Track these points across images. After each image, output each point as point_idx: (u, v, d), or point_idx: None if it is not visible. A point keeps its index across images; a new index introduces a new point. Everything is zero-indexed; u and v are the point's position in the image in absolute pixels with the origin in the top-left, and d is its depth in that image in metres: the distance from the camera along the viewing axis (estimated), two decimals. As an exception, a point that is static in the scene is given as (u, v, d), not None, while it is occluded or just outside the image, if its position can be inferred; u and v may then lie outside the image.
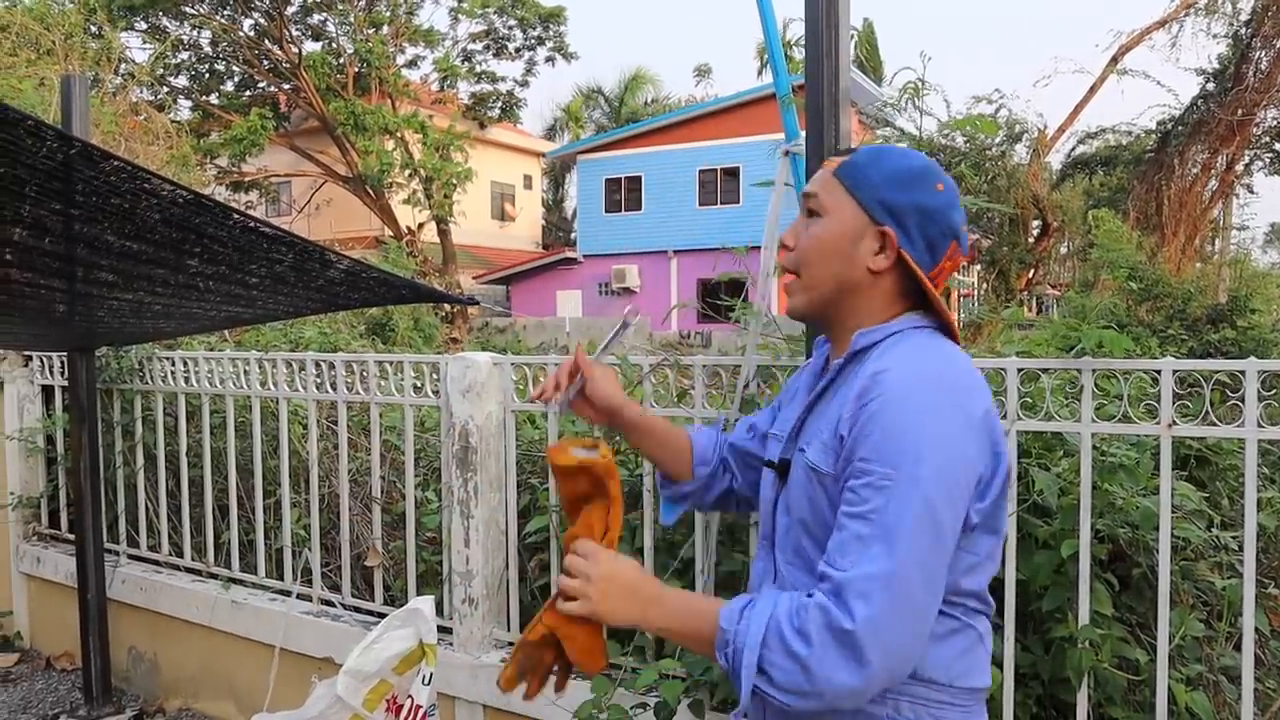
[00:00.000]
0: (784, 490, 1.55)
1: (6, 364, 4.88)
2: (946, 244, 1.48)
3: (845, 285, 1.49)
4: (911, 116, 4.73)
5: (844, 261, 1.48)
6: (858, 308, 1.50)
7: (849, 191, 1.48)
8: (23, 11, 13.62)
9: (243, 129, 22.77)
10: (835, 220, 1.48)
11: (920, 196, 1.46)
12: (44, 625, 4.97)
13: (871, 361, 1.42)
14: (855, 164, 1.50)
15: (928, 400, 1.33)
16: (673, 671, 2.73)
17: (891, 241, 1.45)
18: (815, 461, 1.43)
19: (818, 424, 1.49)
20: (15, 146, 1.89)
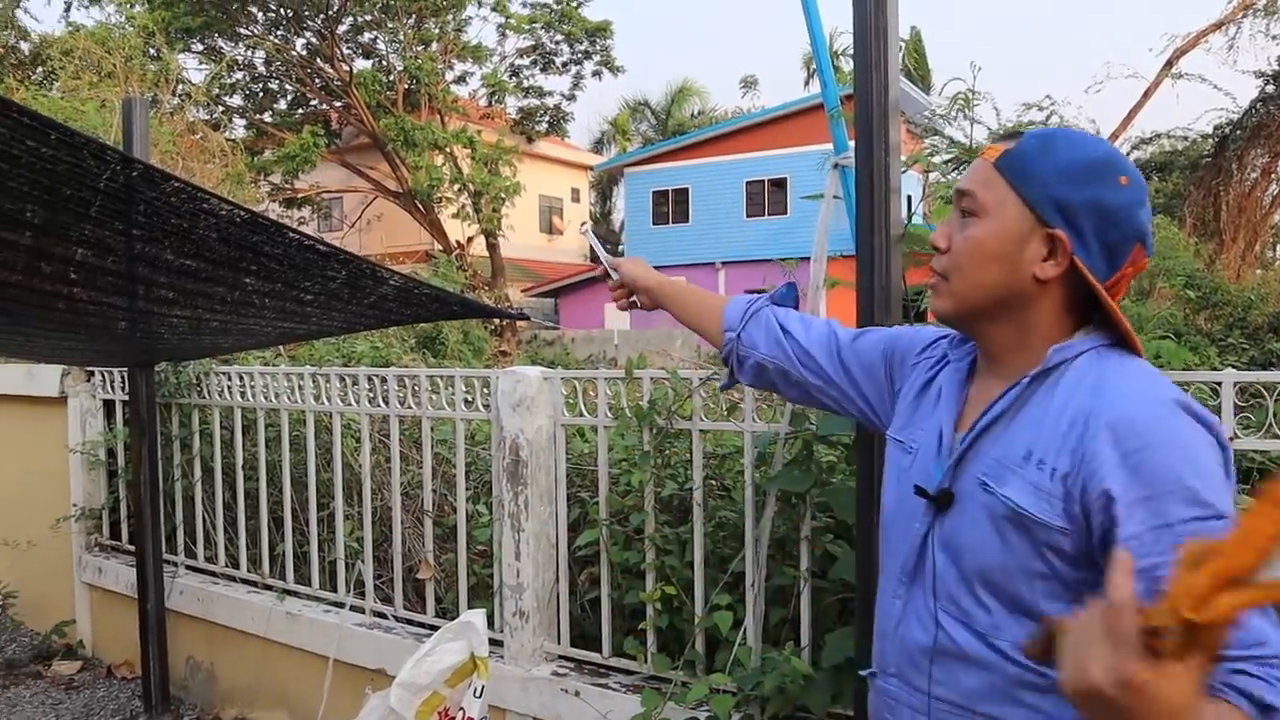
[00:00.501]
0: (940, 524, 1.34)
1: (70, 379, 5.01)
2: (1129, 248, 1.27)
3: (1006, 295, 1.30)
4: (961, 126, 4.70)
5: (1006, 268, 1.29)
6: (1020, 320, 1.32)
7: (1012, 186, 1.28)
8: (85, 36, 14.02)
9: (295, 146, 23.15)
10: (996, 221, 1.29)
11: (1099, 193, 1.25)
12: (105, 634, 5.08)
13: (1073, 387, 1.24)
14: (1021, 154, 1.29)
15: (1190, 434, 1.16)
16: (724, 686, 2.72)
17: (1063, 247, 1.25)
18: (1024, 505, 1.22)
19: (996, 451, 1.28)
20: (80, 169, 1.94)
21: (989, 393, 1.36)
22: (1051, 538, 1.21)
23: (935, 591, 1.34)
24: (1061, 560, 1.21)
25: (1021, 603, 1.24)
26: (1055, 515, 1.20)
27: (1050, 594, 1.22)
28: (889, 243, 2.30)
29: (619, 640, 3.13)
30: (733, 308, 1.84)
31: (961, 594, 1.30)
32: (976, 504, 1.29)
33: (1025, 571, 1.23)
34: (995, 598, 1.26)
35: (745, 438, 2.86)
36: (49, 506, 5.14)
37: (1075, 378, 1.26)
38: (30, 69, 19.67)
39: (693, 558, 2.94)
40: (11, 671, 4.88)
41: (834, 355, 1.69)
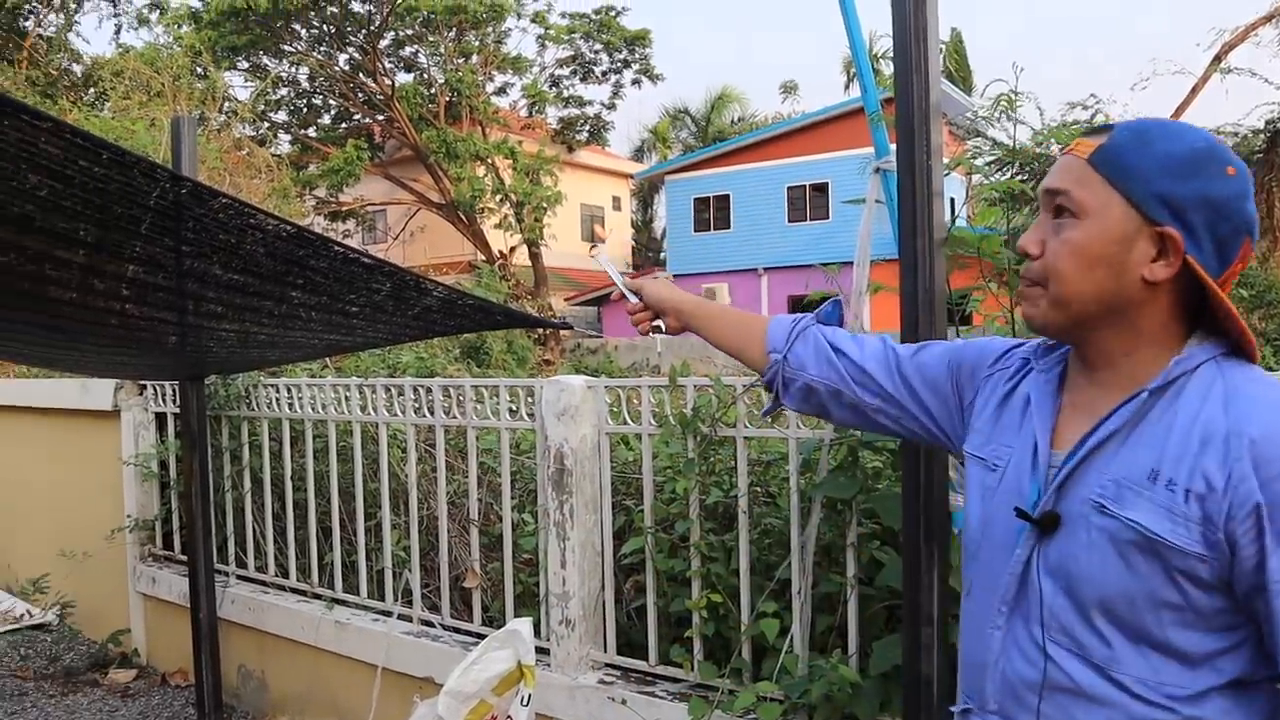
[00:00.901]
0: (1045, 549, 1.25)
1: (124, 393, 5.11)
2: (1239, 242, 1.19)
3: (1112, 301, 1.22)
4: (1004, 127, 4.68)
5: (1113, 272, 1.20)
6: (1127, 326, 1.23)
7: (1112, 184, 1.20)
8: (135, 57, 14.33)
9: (339, 160, 23.48)
10: (1098, 222, 1.20)
11: (1207, 185, 1.17)
12: (159, 643, 5.16)
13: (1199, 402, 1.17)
14: (1118, 149, 1.21)
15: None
16: (771, 694, 2.70)
17: (1175, 245, 1.17)
18: (1155, 530, 1.14)
19: (1113, 471, 1.20)
20: (131, 187, 1.98)
21: (1093, 405, 1.27)
22: (1188, 564, 1.13)
23: (1043, 621, 1.24)
24: (1197, 588, 1.14)
25: (1147, 634, 1.17)
26: (1192, 541, 1.12)
27: (1181, 624, 1.15)
28: (932, 246, 2.28)
29: (665, 648, 3.12)
30: (776, 328, 1.74)
31: (1075, 624, 1.21)
32: (1093, 528, 1.20)
33: (1153, 600, 1.16)
34: (1117, 628, 1.18)
35: (790, 444, 2.85)
36: (104, 518, 5.24)
37: (1199, 391, 1.18)
38: (83, 90, 20.14)
39: (738, 565, 2.93)
40: (70, 679, 4.98)
41: (893, 371, 1.60)
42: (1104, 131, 1.24)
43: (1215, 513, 1.11)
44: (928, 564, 2.28)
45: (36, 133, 1.71)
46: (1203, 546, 1.12)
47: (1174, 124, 1.25)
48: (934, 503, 2.27)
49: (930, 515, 2.27)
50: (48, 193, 1.92)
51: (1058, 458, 1.27)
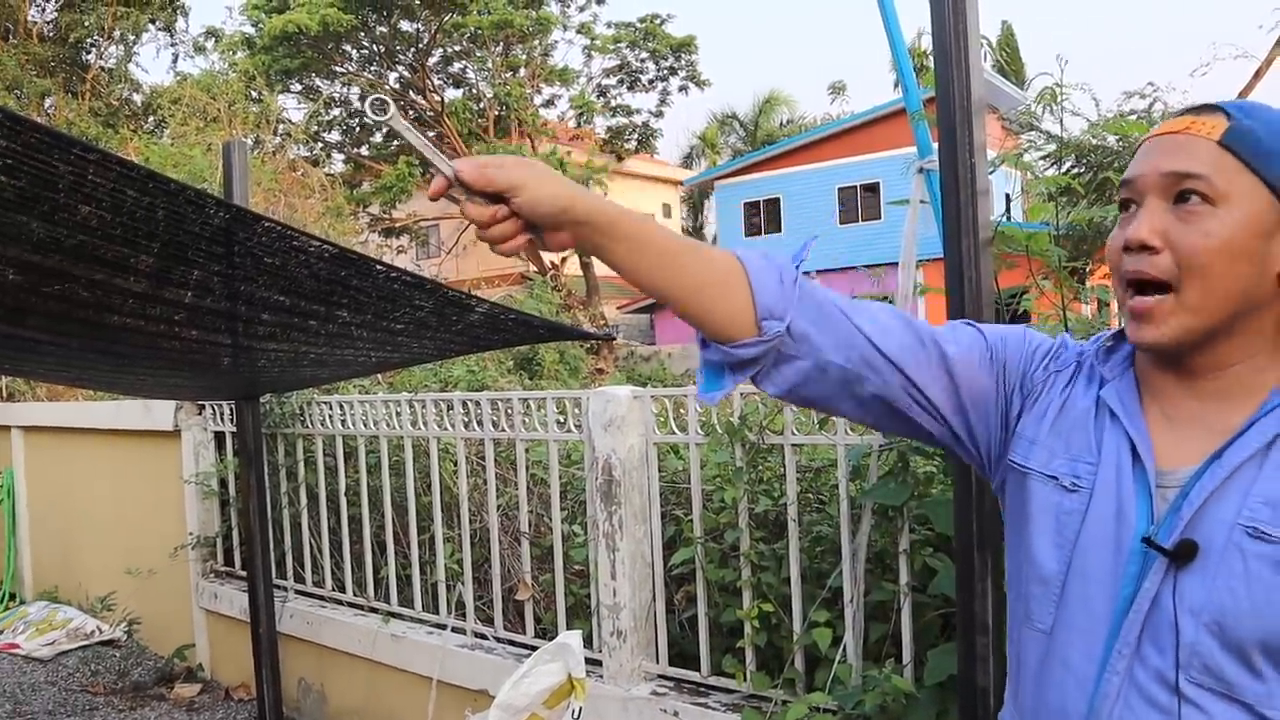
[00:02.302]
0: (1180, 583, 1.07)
1: (183, 413, 5.22)
2: None
3: (1248, 303, 1.07)
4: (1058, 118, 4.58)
5: (1255, 269, 1.06)
6: (1251, 331, 1.10)
7: (1250, 169, 1.06)
8: (191, 84, 14.67)
9: (392, 177, 23.81)
10: (1240, 210, 1.05)
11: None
12: (222, 657, 5.26)
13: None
14: (1251, 131, 1.06)
15: None
16: (824, 705, 2.67)
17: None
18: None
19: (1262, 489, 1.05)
20: (178, 215, 2.03)
21: (1203, 419, 1.12)
22: None
23: (1178, 662, 1.08)
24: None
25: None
26: None
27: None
28: (978, 246, 2.24)
29: (717, 659, 3.10)
30: (763, 278, 1.20)
31: (1226, 663, 1.05)
32: (1248, 556, 1.04)
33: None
34: (1277, 665, 1.04)
35: (839, 450, 2.82)
36: (168, 536, 5.35)
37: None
38: (143, 119, 20.70)
39: (789, 574, 2.90)
40: (138, 694, 5.09)
41: (923, 360, 1.26)
42: (1214, 110, 1.10)
43: None
44: (982, 571, 2.24)
45: (85, 165, 1.75)
46: None
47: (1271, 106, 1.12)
48: (987, 508, 2.23)
49: (983, 521, 2.23)
50: (98, 223, 1.97)
51: (1170, 478, 1.11)
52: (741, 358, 1.20)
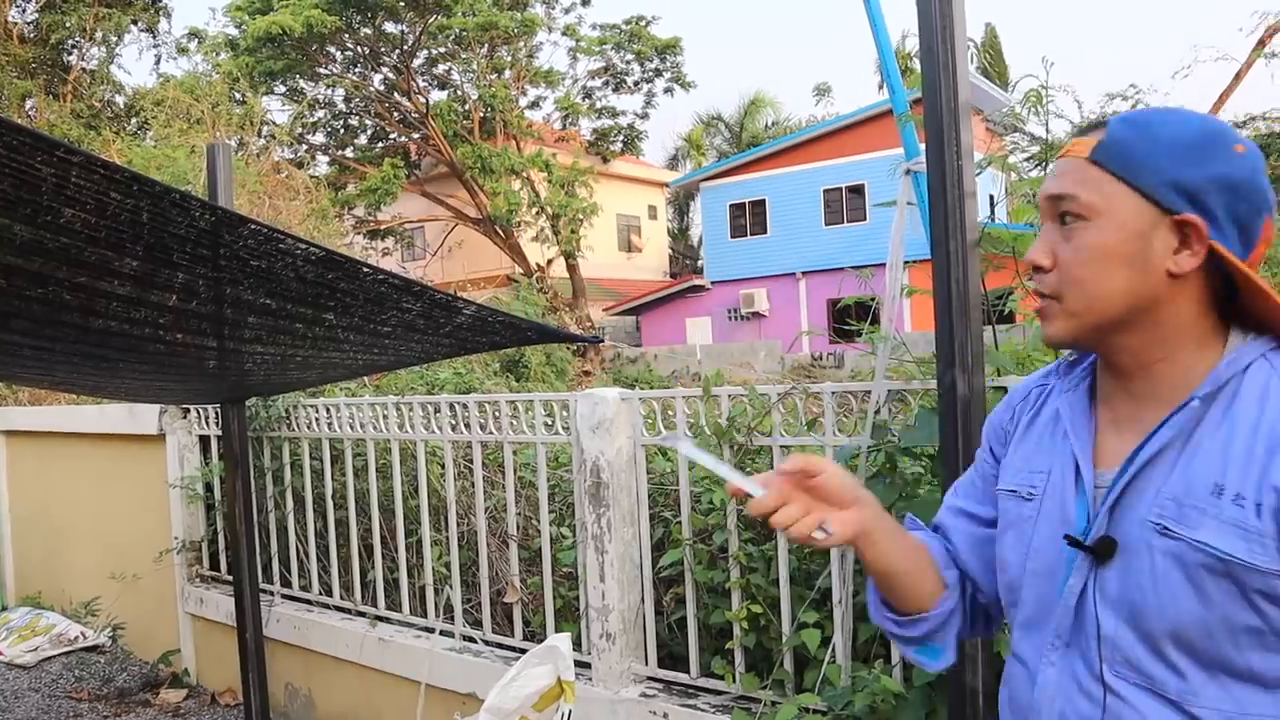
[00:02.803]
0: (1102, 578, 1.15)
1: (168, 417, 5.18)
2: (1260, 221, 1.12)
3: (1138, 301, 1.13)
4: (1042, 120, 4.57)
5: (1137, 270, 1.12)
6: (1158, 326, 1.15)
7: (1121, 179, 1.12)
8: (175, 86, 14.60)
9: (377, 179, 23.76)
10: (1112, 221, 1.12)
11: (1221, 167, 1.10)
12: (208, 662, 5.23)
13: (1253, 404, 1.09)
14: (1120, 142, 1.14)
15: None
16: (814, 705, 2.67)
17: (1199, 232, 1.09)
18: (1227, 550, 1.05)
19: (1172, 488, 1.10)
20: (163, 217, 2.01)
21: (1136, 418, 1.18)
22: (1268, 584, 1.04)
23: (1102, 655, 1.15)
24: (1278, 607, 1.05)
25: (1225, 662, 1.08)
26: (1271, 559, 1.04)
27: (1262, 647, 1.07)
28: (965, 247, 2.24)
29: (707, 660, 3.10)
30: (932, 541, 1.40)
31: (1143, 656, 1.11)
32: (1156, 552, 1.10)
33: (1230, 626, 1.06)
34: (1191, 659, 1.09)
35: (827, 452, 2.82)
36: (152, 540, 5.32)
37: (1255, 393, 1.09)
38: (125, 121, 20.58)
39: (778, 575, 2.90)
40: (123, 700, 5.05)
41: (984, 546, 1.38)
42: (1098, 128, 1.18)
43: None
44: (970, 571, 2.24)
45: (68, 167, 1.74)
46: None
47: (1173, 109, 1.18)
48: (974, 509, 2.23)
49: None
50: (82, 225, 1.96)
51: (1104, 478, 1.17)
52: (941, 613, 1.35)
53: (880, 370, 2.73)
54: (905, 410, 2.76)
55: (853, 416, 2.89)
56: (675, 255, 39.71)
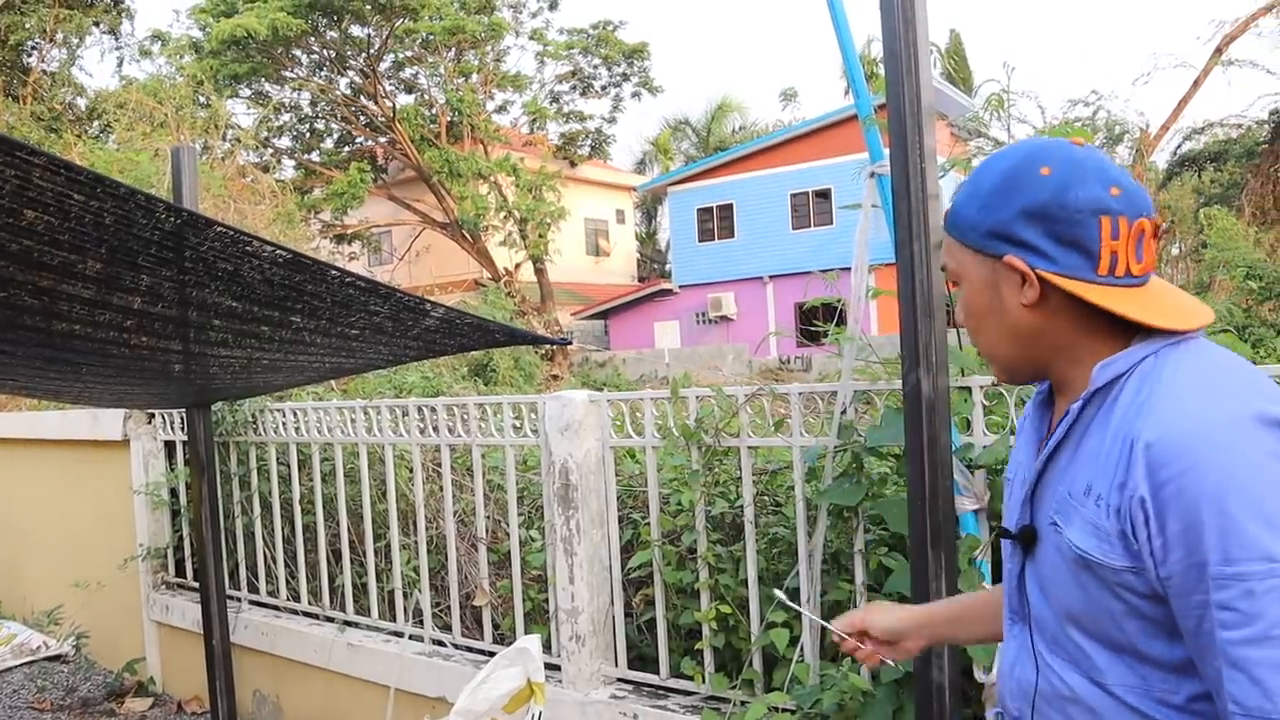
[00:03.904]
0: (1030, 563, 1.27)
1: (132, 422, 5.13)
2: (1092, 227, 1.14)
3: (1021, 336, 1.23)
4: (1005, 124, 4.56)
5: (998, 316, 1.24)
6: (1054, 349, 1.23)
7: (961, 243, 1.26)
8: (138, 89, 14.43)
9: (343, 184, 23.61)
10: (969, 282, 1.27)
11: (1023, 199, 1.17)
12: (174, 670, 5.17)
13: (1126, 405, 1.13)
14: (954, 211, 1.28)
15: (1240, 450, 1.02)
16: (783, 704, 2.69)
17: (1019, 267, 1.18)
18: (1084, 547, 1.13)
19: (1065, 488, 1.19)
20: (128, 219, 2.00)
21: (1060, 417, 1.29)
22: (1121, 578, 1.11)
23: (1036, 631, 1.27)
24: (1140, 599, 1.11)
25: (1119, 643, 1.15)
26: (1117, 555, 1.10)
27: (1146, 633, 1.12)
28: (928, 249, 2.28)
29: (676, 661, 3.11)
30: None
31: (1060, 634, 1.22)
32: (1050, 544, 1.21)
33: (1108, 613, 1.14)
34: (1090, 639, 1.18)
35: (794, 452, 2.84)
36: (117, 547, 5.25)
37: (1132, 393, 1.13)
38: (87, 124, 20.30)
39: (746, 575, 2.92)
40: (87, 710, 4.98)
41: None
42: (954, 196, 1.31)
43: (1126, 525, 1.09)
44: (935, 569, 2.27)
45: (29, 169, 1.73)
46: (1127, 559, 1.09)
47: (995, 156, 1.26)
48: (940, 508, 2.26)
49: (936, 520, 2.26)
50: (44, 228, 1.94)
51: (1033, 472, 1.28)
52: None
53: (846, 371, 2.75)
54: (871, 411, 2.80)
55: (820, 417, 2.92)
56: (643, 259, 39.74)
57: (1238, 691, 1.01)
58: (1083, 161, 1.17)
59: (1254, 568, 0.99)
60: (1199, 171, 20.55)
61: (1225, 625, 1.01)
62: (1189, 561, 1.03)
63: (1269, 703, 0.99)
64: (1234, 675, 1.01)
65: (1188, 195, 20.83)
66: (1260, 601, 0.99)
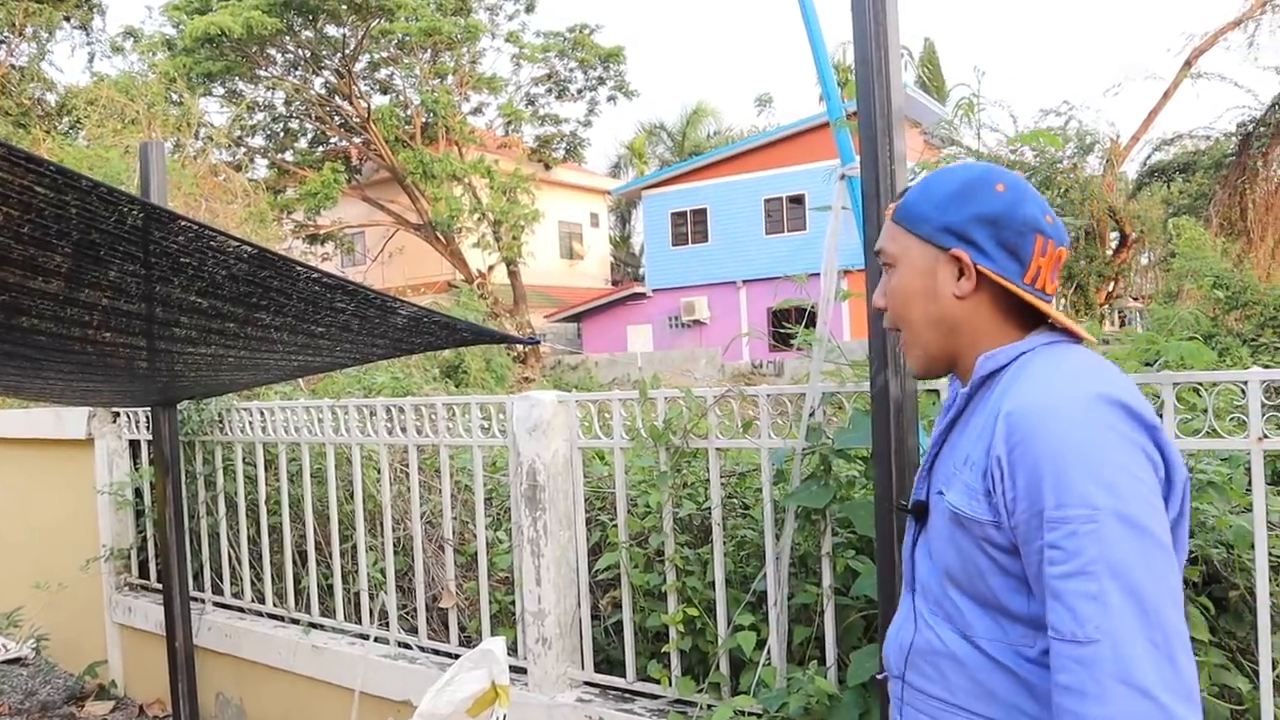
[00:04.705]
0: (923, 534, 1.47)
1: (96, 421, 5.05)
2: (1029, 241, 1.36)
3: (943, 324, 1.42)
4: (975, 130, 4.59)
5: (929, 299, 1.42)
6: (973, 341, 1.42)
7: (910, 232, 1.43)
8: (109, 85, 14.28)
9: (317, 184, 23.43)
10: (906, 264, 1.44)
11: (979, 206, 1.37)
12: (136, 673, 5.10)
13: (1001, 389, 1.33)
14: (907, 204, 1.45)
15: (1080, 419, 1.21)
16: (749, 708, 2.69)
17: (966, 262, 1.38)
18: (958, 505, 1.33)
19: (951, 461, 1.40)
20: (89, 212, 1.97)
21: None
22: (985, 532, 1.29)
23: (920, 595, 1.46)
24: (1001, 552, 1.29)
25: (987, 599, 1.33)
26: (982, 510, 1.29)
27: (1009, 588, 1.30)
28: (897, 252, 2.28)
29: (643, 664, 3.10)
30: None
31: (940, 594, 1.41)
32: (940, 513, 1.40)
33: (978, 569, 1.32)
34: (963, 595, 1.36)
35: (763, 454, 2.84)
36: (79, 548, 5.18)
37: (1006, 381, 1.34)
38: (57, 119, 20.05)
39: (714, 578, 2.92)
40: (46, 713, 4.90)
41: None
42: (905, 193, 1.48)
43: (990, 484, 1.28)
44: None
45: (-12, 160, 1.69)
46: (989, 513, 1.29)
47: (951, 168, 1.47)
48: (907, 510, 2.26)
49: (904, 523, 2.26)
50: (5, 220, 1.90)
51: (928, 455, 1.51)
52: None
53: (815, 373, 2.76)
54: (840, 414, 2.80)
55: (788, 419, 2.92)
56: (617, 263, 39.74)
57: (1055, 619, 1.19)
58: (1028, 188, 1.43)
59: (1078, 512, 1.17)
60: (1168, 182, 20.79)
61: (1052, 562, 1.19)
62: (1032, 510, 1.21)
63: (1079, 628, 1.16)
64: (1054, 605, 1.19)
65: (1157, 205, 21.05)
66: (1081, 541, 1.17)
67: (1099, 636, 1.14)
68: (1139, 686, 1.12)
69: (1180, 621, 1.17)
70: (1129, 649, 1.13)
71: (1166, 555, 1.18)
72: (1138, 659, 1.13)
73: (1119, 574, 1.15)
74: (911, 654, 1.44)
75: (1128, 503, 1.17)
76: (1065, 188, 17.96)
